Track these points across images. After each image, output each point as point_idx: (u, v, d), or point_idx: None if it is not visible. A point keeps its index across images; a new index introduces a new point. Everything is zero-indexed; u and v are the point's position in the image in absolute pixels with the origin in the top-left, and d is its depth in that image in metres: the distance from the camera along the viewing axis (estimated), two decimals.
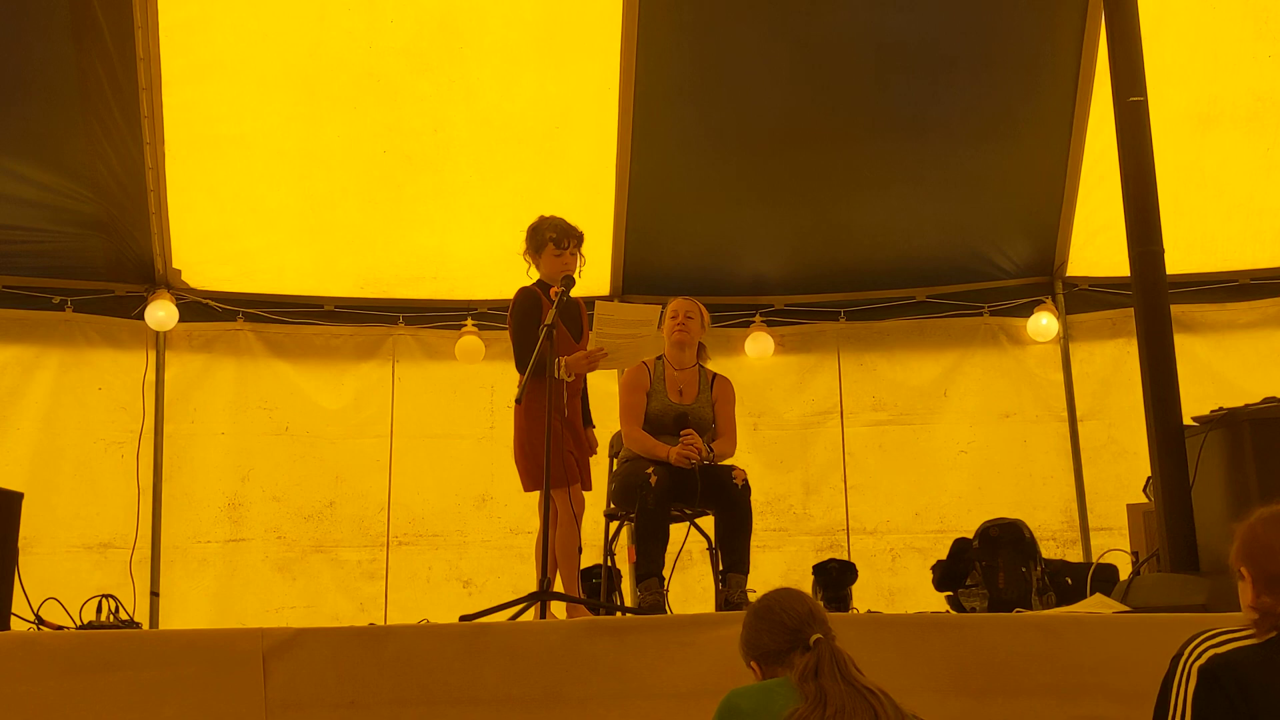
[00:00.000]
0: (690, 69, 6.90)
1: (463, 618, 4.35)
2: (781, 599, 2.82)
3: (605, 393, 7.13)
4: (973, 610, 4.99)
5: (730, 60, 6.90)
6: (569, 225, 5.07)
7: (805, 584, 5.60)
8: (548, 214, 5.15)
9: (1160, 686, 2.45)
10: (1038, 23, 6.91)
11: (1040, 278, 7.47)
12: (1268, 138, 7.06)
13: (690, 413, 5.13)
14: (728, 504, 4.99)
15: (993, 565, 5.08)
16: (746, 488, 4.98)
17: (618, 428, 5.32)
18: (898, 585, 7.00)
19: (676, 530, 5.09)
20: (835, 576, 5.51)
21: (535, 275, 5.10)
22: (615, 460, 5.42)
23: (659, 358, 5.26)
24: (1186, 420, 4.94)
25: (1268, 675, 2.35)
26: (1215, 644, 2.41)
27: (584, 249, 5.12)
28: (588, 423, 5.20)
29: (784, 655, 2.72)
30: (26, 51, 6.34)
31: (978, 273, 7.46)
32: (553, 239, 5.02)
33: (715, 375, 5.34)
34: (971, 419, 7.39)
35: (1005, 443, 7.37)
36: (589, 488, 5.02)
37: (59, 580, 5.45)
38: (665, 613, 4.86)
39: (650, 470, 4.90)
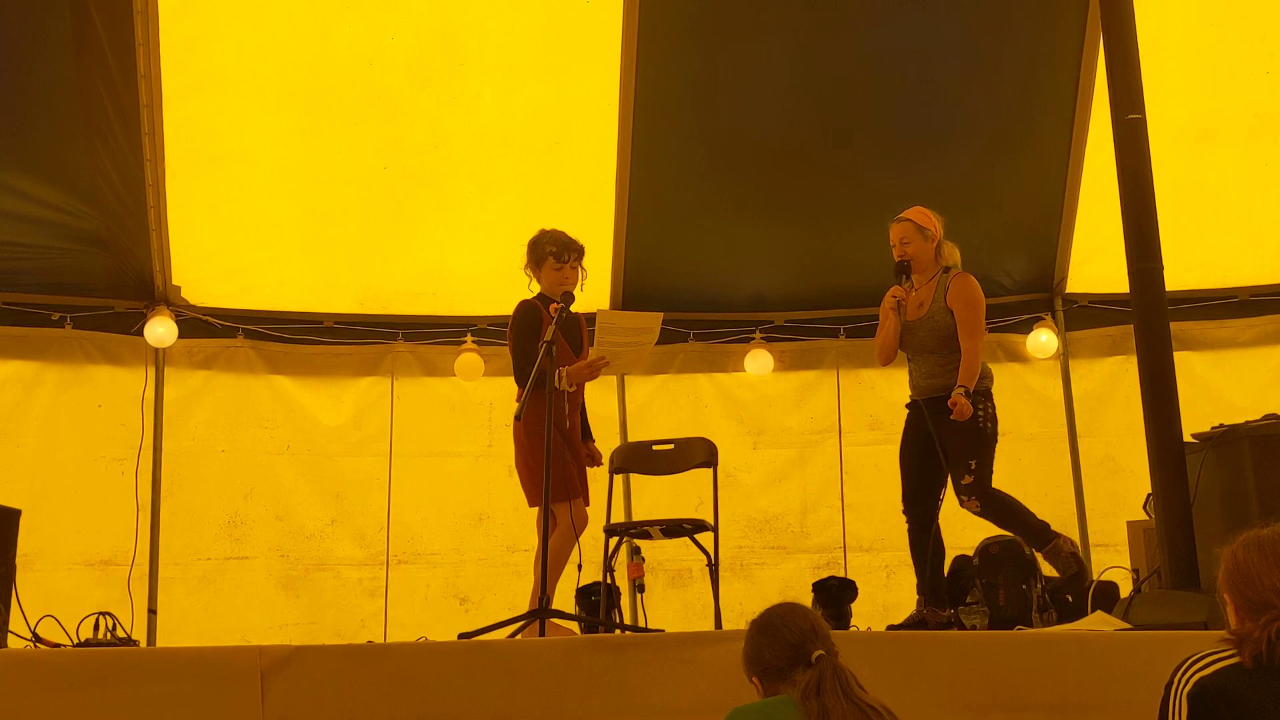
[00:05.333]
0: (690, 85, 6.92)
1: (462, 635, 4.34)
2: (784, 614, 2.80)
3: (605, 407, 7.15)
4: (973, 628, 4.97)
5: (730, 76, 6.92)
6: (569, 239, 5.08)
7: (804, 601, 5.58)
8: (549, 227, 5.16)
9: (1158, 717, 2.46)
10: (1037, 40, 6.94)
11: (1040, 294, 7.48)
12: (1266, 153, 7.07)
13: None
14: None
15: (993, 583, 5.06)
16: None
17: (617, 443, 5.31)
18: (892, 601, 6.98)
19: (675, 547, 5.08)
20: (835, 593, 5.50)
21: (537, 289, 5.11)
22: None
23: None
24: (1186, 437, 4.93)
25: (1256, 693, 2.35)
26: (1200, 668, 2.40)
27: (584, 263, 5.13)
28: (587, 437, 5.21)
29: (786, 671, 2.70)
30: (28, 68, 6.35)
31: None
32: (553, 253, 5.03)
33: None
34: None
35: (1001, 459, 7.35)
36: (588, 502, 5.02)
37: (59, 597, 5.42)
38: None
39: None
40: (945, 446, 5.01)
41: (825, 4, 6.83)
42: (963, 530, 6.73)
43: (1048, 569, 5.17)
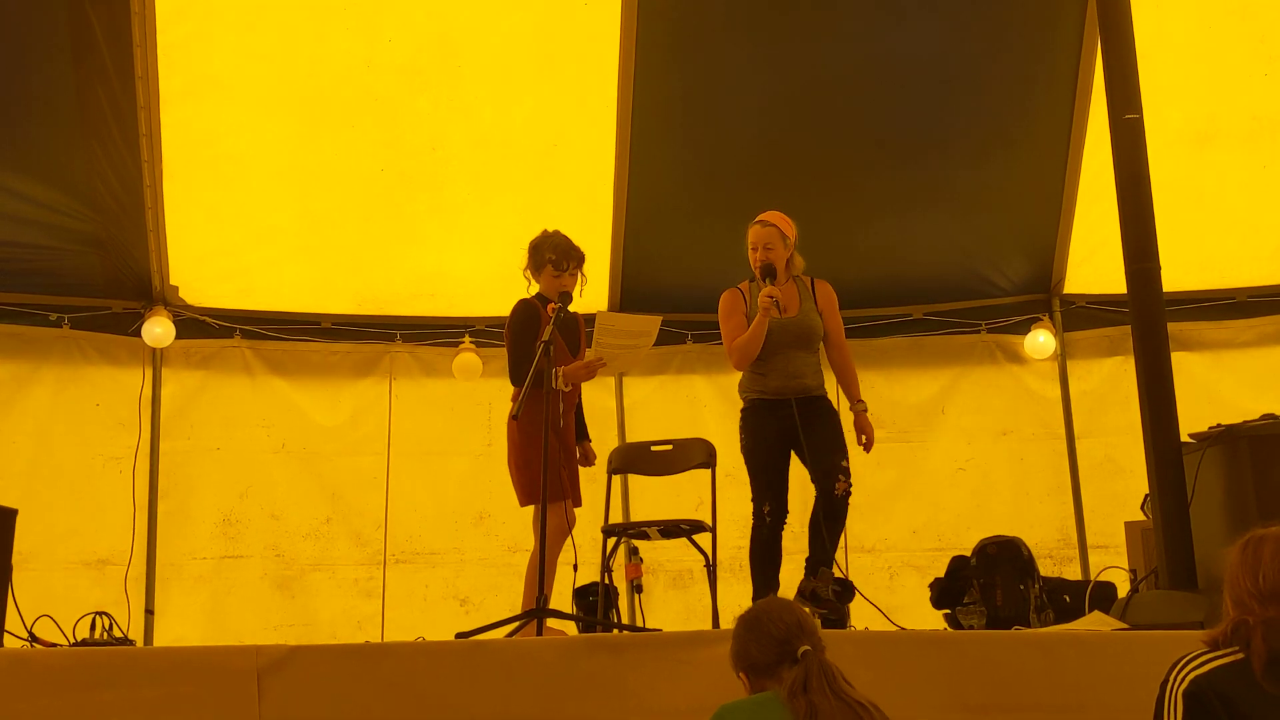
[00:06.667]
0: (687, 88, 6.91)
1: (459, 635, 4.34)
2: (770, 609, 2.81)
3: (603, 408, 7.11)
4: (971, 628, 4.97)
5: (727, 79, 6.92)
6: (570, 246, 5.06)
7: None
8: (551, 229, 5.15)
9: (1153, 715, 2.46)
10: (1034, 41, 6.94)
11: (1038, 295, 7.47)
12: (1265, 155, 7.08)
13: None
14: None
15: (991, 583, 5.07)
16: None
17: (615, 444, 5.30)
18: (895, 603, 6.96)
19: (677, 548, 5.08)
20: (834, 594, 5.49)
21: (536, 289, 5.11)
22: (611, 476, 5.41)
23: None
24: (1184, 438, 4.93)
25: (1250, 688, 2.37)
26: (1195, 666, 2.42)
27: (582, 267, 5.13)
28: (583, 436, 5.20)
29: (773, 668, 2.70)
30: (26, 70, 6.35)
31: (975, 290, 7.46)
32: (552, 260, 5.02)
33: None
34: (969, 437, 7.38)
35: (1003, 460, 7.36)
36: (579, 503, 5.02)
37: (56, 597, 5.42)
38: None
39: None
40: (818, 440, 5.06)
41: (825, 8, 6.83)
42: (966, 530, 6.74)
43: (1045, 569, 5.17)
